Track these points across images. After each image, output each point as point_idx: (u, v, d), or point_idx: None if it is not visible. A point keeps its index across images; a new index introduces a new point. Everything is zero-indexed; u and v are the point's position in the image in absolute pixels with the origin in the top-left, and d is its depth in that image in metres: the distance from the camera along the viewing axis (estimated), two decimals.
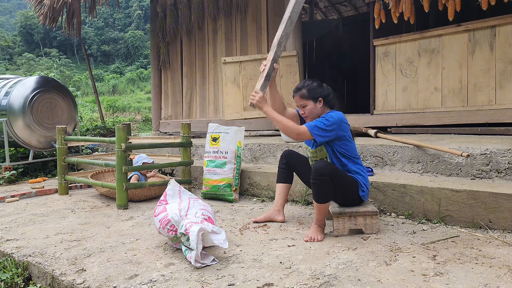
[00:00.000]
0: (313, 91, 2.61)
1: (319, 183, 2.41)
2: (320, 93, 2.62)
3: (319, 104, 2.61)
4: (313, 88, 2.62)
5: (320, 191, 2.43)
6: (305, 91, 2.61)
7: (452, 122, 4.15)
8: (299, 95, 2.63)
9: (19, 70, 31.93)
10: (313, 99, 2.60)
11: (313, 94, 2.60)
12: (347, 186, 2.54)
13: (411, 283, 1.82)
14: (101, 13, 51.50)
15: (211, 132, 3.95)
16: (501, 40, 3.87)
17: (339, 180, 2.48)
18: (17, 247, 2.59)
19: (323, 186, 2.42)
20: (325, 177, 2.39)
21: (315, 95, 2.60)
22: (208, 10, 6.21)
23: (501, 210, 2.49)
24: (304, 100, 2.62)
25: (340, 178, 2.49)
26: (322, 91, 2.63)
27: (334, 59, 8.25)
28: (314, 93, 2.61)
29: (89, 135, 7.87)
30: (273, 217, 2.90)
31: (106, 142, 3.95)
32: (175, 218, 2.27)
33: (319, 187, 2.42)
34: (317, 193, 2.45)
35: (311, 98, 2.60)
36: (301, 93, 2.62)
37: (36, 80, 5.81)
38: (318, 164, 2.44)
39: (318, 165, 2.43)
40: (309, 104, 2.61)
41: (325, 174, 2.39)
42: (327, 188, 2.43)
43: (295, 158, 2.93)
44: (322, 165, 2.43)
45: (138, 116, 17.64)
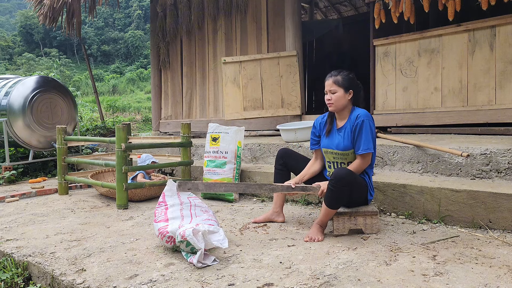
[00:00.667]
0: (347, 81, 2.59)
1: (338, 191, 2.37)
2: (354, 85, 2.61)
3: (348, 96, 2.59)
4: (348, 78, 2.60)
5: (336, 198, 2.41)
6: (340, 78, 2.59)
7: (452, 122, 4.15)
8: (333, 80, 2.60)
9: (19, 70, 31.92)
10: (345, 88, 2.58)
11: (346, 84, 2.58)
12: (360, 192, 2.54)
13: (411, 283, 1.82)
14: (101, 13, 51.50)
15: (211, 132, 3.95)
16: (501, 40, 3.87)
17: (356, 187, 2.47)
18: (17, 247, 2.59)
19: (340, 194, 2.39)
20: (345, 187, 2.37)
21: (348, 86, 2.59)
22: (208, 10, 6.21)
23: (501, 210, 2.49)
24: (335, 86, 2.58)
25: (357, 185, 2.48)
26: (355, 84, 2.63)
27: (334, 59, 8.24)
28: (348, 83, 2.59)
29: (89, 135, 7.86)
30: (273, 218, 2.90)
31: (106, 142, 3.95)
32: (175, 232, 2.26)
33: (336, 194, 2.39)
34: (332, 199, 2.42)
35: (343, 87, 2.58)
36: (336, 79, 2.59)
37: (36, 80, 5.80)
38: (340, 172, 2.38)
39: (340, 172, 2.37)
40: (339, 92, 2.58)
41: (346, 184, 2.37)
42: (343, 196, 2.42)
43: (292, 157, 2.89)
44: (344, 173, 2.37)
45: (138, 116, 17.64)
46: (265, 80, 5.17)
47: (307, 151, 3.90)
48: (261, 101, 5.18)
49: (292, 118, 5.15)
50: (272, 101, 5.16)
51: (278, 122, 5.11)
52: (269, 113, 5.16)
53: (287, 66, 5.10)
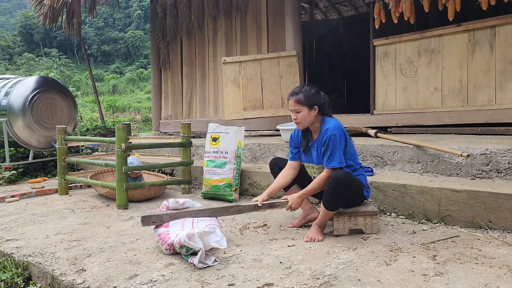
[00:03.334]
0: (310, 98, 2.53)
1: (336, 194, 2.38)
2: (317, 101, 2.55)
3: (313, 112, 2.55)
4: (311, 95, 2.54)
5: (334, 200, 2.42)
6: (302, 97, 2.54)
7: (452, 122, 4.15)
8: (295, 99, 2.55)
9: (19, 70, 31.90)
10: (308, 106, 2.53)
11: (310, 102, 2.53)
12: (357, 192, 2.54)
13: (411, 283, 1.82)
14: (101, 13, 51.48)
15: (211, 132, 3.95)
16: (501, 40, 3.87)
17: (353, 188, 2.48)
18: (17, 247, 2.59)
19: (338, 196, 2.40)
20: (343, 190, 2.38)
21: (311, 103, 2.53)
22: (208, 10, 6.21)
23: (501, 210, 2.49)
24: (299, 105, 2.54)
25: (354, 186, 2.49)
26: (319, 99, 2.56)
27: (334, 59, 8.24)
28: (311, 100, 2.53)
29: (89, 135, 7.86)
30: (309, 216, 2.79)
31: (106, 142, 3.95)
32: (174, 240, 2.26)
33: (334, 196, 2.40)
34: (330, 201, 2.43)
35: (307, 105, 2.53)
36: (298, 98, 2.54)
37: (36, 80, 5.81)
38: (339, 174, 2.38)
39: (339, 176, 2.37)
40: (303, 111, 2.54)
41: (344, 187, 2.37)
42: (341, 198, 2.43)
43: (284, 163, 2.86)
44: (342, 176, 2.38)
45: (138, 116, 17.64)
46: (265, 80, 5.17)
47: None
48: (261, 101, 5.18)
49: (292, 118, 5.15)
50: (272, 101, 5.16)
51: (278, 122, 5.11)
52: (269, 113, 5.17)
53: (287, 66, 5.10)
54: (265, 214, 3.17)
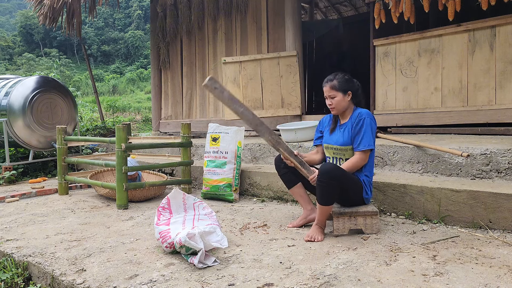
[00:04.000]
0: (344, 83, 2.64)
1: (326, 186, 2.38)
2: (351, 87, 2.65)
3: (347, 97, 2.64)
4: (344, 80, 2.64)
5: (326, 193, 2.42)
6: (336, 83, 2.64)
7: (452, 122, 4.15)
8: (330, 85, 2.65)
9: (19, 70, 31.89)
10: (343, 91, 2.63)
11: (344, 87, 2.63)
12: (353, 189, 2.54)
13: (411, 283, 1.82)
14: (101, 13, 51.48)
15: (211, 132, 3.95)
16: (501, 40, 3.87)
17: (347, 183, 2.47)
18: (17, 247, 2.59)
19: (329, 189, 2.40)
20: (333, 181, 2.38)
21: (345, 88, 2.63)
22: (208, 10, 6.21)
23: (501, 210, 2.49)
24: (334, 91, 2.64)
25: (348, 181, 2.48)
26: (352, 85, 2.67)
27: (334, 59, 8.24)
28: (345, 86, 2.63)
29: (89, 135, 7.87)
30: (311, 217, 2.78)
31: (106, 142, 3.95)
32: (175, 239, 2.26)
33: (325, 189, 2.40)
34: (322, 195, 2.43)
35: (341, 90, 2.63)
36: (332, 84, 2.64)
37: (36, 80, 5.81)
38: (327, 167, 2.40)
39: (327, 167, 2.39)
40: (338, 96, 2.63)
41: (333, 178, 2.37)
42: (333, 191, 2.42)
43: None
44: (331, 168, 2.39)
45: (138, 116, 17.63)
46: (265, 80, 5.17)
47: (307, 151, 3.89)
48: (261, 101, 5.18)
49: (292, 118, 5.16)
50: (272, 101, 5.16)
51: (278, 122, 5.11)
52: (269, 113, 5.17)
53: (287, 66, 5.10)
54: (265, 214, 3.17)
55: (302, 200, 2.83)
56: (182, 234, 2.18)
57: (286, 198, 3.58)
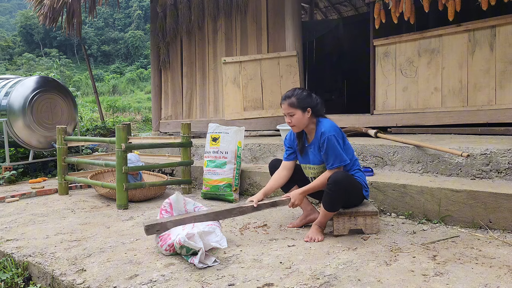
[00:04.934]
0: (302, 100, 2.57)
1: (336, 195, 2.38)
2: (309, 103, 2.58)
3: (307, 114, 2.58)
4: (303, 97, 2.58)
5: (334, 201, 2.42)
6: (295, 100, 2.57)
7: (452, 122, 4.15)
8: (288, 103, 2.59)
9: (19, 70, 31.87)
10: (301, 108, 2.56)
11: (303, 104, 2.56)
12: (356, 192, 2.55)
13: (411, 283, 1.82)
14: (101, 13, 51.48)
15: (211, 132, 3.95)
16: (501, 40, 3.87)
17: (352, 189, 2.48)
18: (17, 247, 2.59)
19: (338, 197, 2.40)
20: (342, 191, 2.38)
21: (304, 105, 2.57)
22: (208, 10, 6.21)
23: (501, 210, 2.49)
24: (292, 108, 2.58)
25: (353, 187, 2.49)
26: (311, 101, 2.59)
27: (334, 59, 8.24)
28: (304, 102, 2.57)
29: (89, 135, 7.87)
30: (310, 217, 2.79)
31: (106, 142, 3.95)
32: (175, 240, 2.26)
33: (334, 197, 2.40)
34: (330, 202, 2.43)
35: (300, 108, 2.56)
36: (290, 102, 2.58)
37: (36, 80, 5.81)
38: (338, 176, 2.39)
39: (338, 177, 2.38)
40: (297, 114, 2.57)
41: (343, 188, 2.38)
42: (341, 199, 2.43)
43: None
44: (341, 177, 2.39)
45: (138, 116, 17.62)
46: (265, 80, 5.18)
47: None
48: (261, 101, 5.19)
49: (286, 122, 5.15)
50: (272, 101, 5.16)
51: (278, 122, 5.11)
52: (269, 113, 5.17)
53: (287, 66, 5.10)
54: (265, 214, 3.17)
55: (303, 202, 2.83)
56: (181, 235, 2.18)
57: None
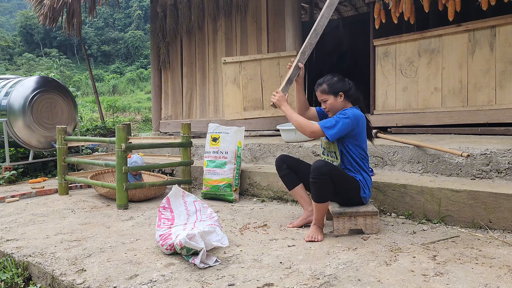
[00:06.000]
0: (333, 85, 2.62)
1: (319, 182, 2.40)
2: (341, 87, 2.63)
3: (339, 99, 2.63)
4: (334, 82, 2.63)
5: (319, 190, 2.43)
6: (326, 86, 2.63)
7: (452, 122, 4.15)
8: (320, 90, 2.65)
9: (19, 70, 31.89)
10: (333, 93, 2.62)
11: (334, 89, 2.62)
12: (348, 186, 2.53)
13: (411, 283, 1.82)
14: (101, 13, 51.49)
15: (211, 132, 3.95)
16: (501, 40, 3.87)
17: (340, 180, 2.47)
18: (17, 247, 2.59)
19: (322, 185, 2.41)
20: (325, 176, 2.38)
21: (336, 90, 2.62)
22: (208, 10, 6.21)
23: (501, 210, 2.49)
24: (324, 95, 2.64)
25: (341, 178, 2.48)
26: (343, 85, 2.64)
27: (334, 59, 8.24)
28: (335, 87, 2.62)
29: (89, 135, 7.87)
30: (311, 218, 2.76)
31: (106, 142, 3.95)
32: (175, 241, 2.26)
33: (318, 186, 2.41)
34: (316, 192, 2.44)
35: (332, 93, 2.62)
36: (322, 88, 2.64)
37: (36, 80, 5.81)
38: (318, 163, 2.43)
39: (318, 164, 2.42)
40: (329, 99, 2.63)
41: (324, 173, 2.38)
42: (326, 188, 2.42)
43: (291, 161, 2.87)
44: (321, 164, 2.41)
45: (138, 116, 17.63)
46: (265, 80, 5.17)
47: (307, 151, 3.90)
48: (261, 101, 5.18)
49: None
50: None
51: (278, 122, 5.11)
52: (269, 113, 5.16)
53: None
54: (265, 214, 3.17)
55: (303, 200, 2.84)
56: (182, 236, 2.18)
57: (286, 198, 3.58)
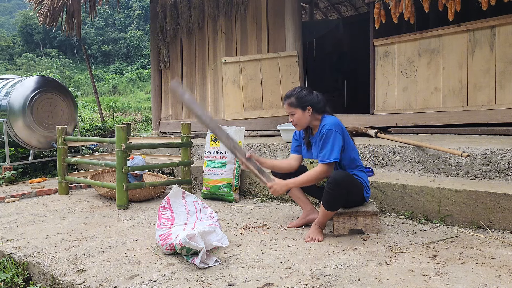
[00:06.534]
0: (301, 99, 2.56)
1: (336, 194, 2.37)
2: (309, 101, 2.57)
3: (307, 113, 2.57)
4: (302, 96, 2.57)
5: (334, 201, 2.41)
6: (294, 100, 2.57)
7: (452, 122, 4.15)
8: (288, 103, 2.60)
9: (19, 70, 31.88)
10: (301, 107, 2.56)
11: (302, 103, 2.56)
12: (357, 192, 2.53)
13: (411, 283, 1.82)
14: (101, 13, 51.47)
15: (211, 132, 3.94)
16: (501, 40, 3.87)
17: (352, 188, 2.47)
18: (17, 247, 2.59)
19: (337, 197, 2.39)
20: (342, 190, 2.37)
21: (304, 104, 2.56)
22: (208, 10, 6.21)
23: (501, 210, 2.49)
24: (292, 108, 2.58)
25: (353, 187, 2.48)
26: (311, 99, 2.57)
27: (334, 59, 8.24)
28: (303, 101, 2.56)
29: (89, 135, 7.86)
30: (310, 217, 2.78)
31: (106, 142, 3.95)
32: (175, 241, 2.26)
33: (333, 196, 2.38)
34: (330, 202, 2.42)
35: (300, 107, 2.56)
36: (290, 101, 2.59)
37: (36, 80, 5.80)
38: (338, 175, 2.38)
39: (338, 175, 2.38)
40: (297, 113, 2.57)
41: (343, 187, 2.36)
42: (341, 199, 2.42)
43: None
44: (341, 176, 2.38)
45: (138, 116, 17.63)
46: (265, 80, 5.17)
47: None
48: (261, 101, 5.18)
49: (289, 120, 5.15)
50: (272, 101, 5.16)
51: (278, 122, 5.11)
52: (269, 113, 5.17)
53: (287, 66, 5.10)
54: (265, 214, 3.17)
55: (300, 201, 2.84)
56: (182, 236, 2.18)
57: (286, 198, 3.58)
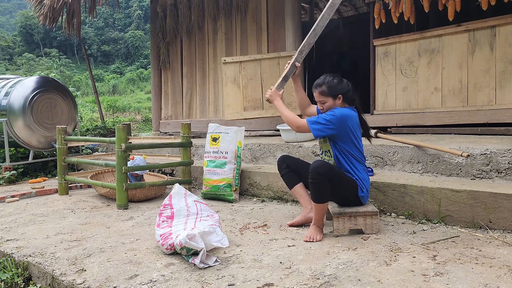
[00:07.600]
0: (333, 88, 2.57)
1: (316, 182, 2.41)
2: (340, 90, 2.58)
3: (338, 101, 2.59)
4: (333, 85, 2.57)
5: (317, 190, 2.43)
6: (325, 88, 2.58)
7: (452, 122, 4.15)
8: (319, 91, 2.60)
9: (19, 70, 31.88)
10: (332, 96, 2.57)
11: (333, 92, 2.57)
12: (345, 186, 2.53)
13: (411, 283, 1.82)
14: (101, 13, 51.49)
15: (211, 132, 3.95)
16: (501, 40, 3.87)
17: (337, 180, 2.47)
18: (17, 247, 2.59)
19: (320, 186, 2.41)
20: (322, 177, 2.39)
21: (336, 92, 2.57)
22: (208, 10, 6.21)
23: (501, 210, 2.49)
24: (323, 96, 2.59)
25: (338, 178, 2.48)
26: (342, 88, 2.59)
27: (334, 59, 8.24)
28: (335, 90, 2.57)
29: (89, 135, 7.86)
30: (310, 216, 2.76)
31: (106, 142, 3.95)
32: (175, 241, 2.26)
33: (316, 186, 2.42)
34: (314, 192, 2.45)
35: (331, 95, 2.57)
36: (321, 90, 2.59)
37: (36, 80, 5.81)
38: (315, 164, 2.43)
39: (315, 164, 2.43)
40: (328, 101, 2.59)
41: (321, 174, 2.39)
42: (324, 188, 2.42)
43: (291, 160, 2.88)
44: (318, 165, 2.42)
45: (138, 116, 17.62)
46: (265, 80, 5.17)
47: (307, 151, 3.90)
48: (261, 101, 5.18)
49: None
50: None
51: (278, 122, 5.11)
52: (269, 113, 5.16)
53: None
54: (265, 214, 3.17)
55: (302, 199, 2.84)
56: (182, 236, 2.18)
57: (286, 198, 3.58)
